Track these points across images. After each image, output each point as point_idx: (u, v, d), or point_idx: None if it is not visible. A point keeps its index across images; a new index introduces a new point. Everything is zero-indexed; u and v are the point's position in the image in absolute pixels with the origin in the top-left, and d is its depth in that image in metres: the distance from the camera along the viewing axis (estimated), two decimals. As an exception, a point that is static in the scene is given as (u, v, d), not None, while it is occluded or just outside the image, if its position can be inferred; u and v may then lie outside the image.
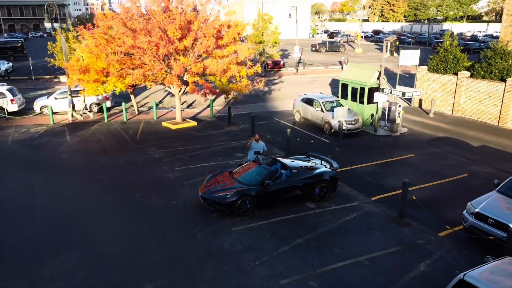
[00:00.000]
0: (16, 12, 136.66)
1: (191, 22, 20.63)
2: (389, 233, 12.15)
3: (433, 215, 12.91)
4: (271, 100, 32.12)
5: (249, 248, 11.14)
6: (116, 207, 13.71)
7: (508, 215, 10.65)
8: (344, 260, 10.69)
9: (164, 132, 22.80)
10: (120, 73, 20.94)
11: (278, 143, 20.67)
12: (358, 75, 23.68)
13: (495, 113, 24.26)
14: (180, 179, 15.97)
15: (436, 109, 27.54)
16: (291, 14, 46.22)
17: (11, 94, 27.33)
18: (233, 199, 12.61)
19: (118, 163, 17.91)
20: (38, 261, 10.51)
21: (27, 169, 17.28)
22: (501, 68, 23.89)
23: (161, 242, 11.47)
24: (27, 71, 47.02)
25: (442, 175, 16.62)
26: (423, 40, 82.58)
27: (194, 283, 9.68)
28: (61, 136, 22.28)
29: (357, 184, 15.57)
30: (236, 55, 21.47)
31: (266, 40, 43.33)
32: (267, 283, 9.70)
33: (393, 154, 19.32)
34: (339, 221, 12.80)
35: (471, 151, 19.70)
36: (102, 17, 21.71)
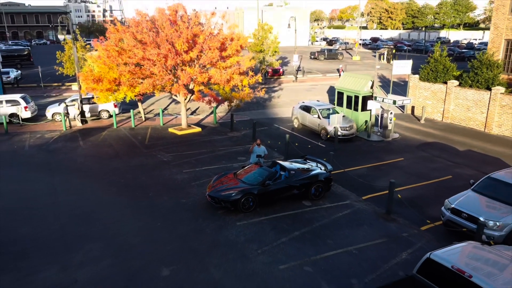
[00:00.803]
0: (20, 19, 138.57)
1: (196, 35, 22.22)
2: (377, 227, 13.63)
3: (417, 212, 14.41)
4: (271, 107, 33.68)
5: (252, 240, 12.62)
6: (131, 205, 15.21)
7: (479, 210, 12.15)
8: (336, 249, 12.16)
9: (171, 138, 24.31)
10: (131, 83, 22.51)
11: (278, 147, 22.17)
12: (352, 84, 25.26)
13: (481, 120, 25.80)
14: (188, 180, 17.48)
15: (428, 116, 29.08)
16: (290, 24, 47.83)
17: (25, 102, 28.84)
18: (237, 197, 14.11)
19: (130, 166, 19.42)
20: (67, 250, 11.99)
21: (47, 171, 18.78)
22: (487, 78, 25.47)
23: (174, 235, 12.96)
24: (34, 78, 48.63)
25: (428, 177, 18.12)
26: (420, 48, 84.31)
27: (205, 268, 11.15)
28: (74, 141, 23.79)
29: (349, 185, 17.06)
30: (238, 66, 23.02)
31: (266, 49, 44.97)
32: (268, 268, 11.17)
33: (385, 158, 20.83)
34: (332, 217, 14.29)
35: (457, 155, 21.21)
36: (113, 30, 23.31)
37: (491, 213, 11.97)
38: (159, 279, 10.67)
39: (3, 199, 15.60)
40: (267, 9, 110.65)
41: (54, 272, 10.96)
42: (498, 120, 24.85)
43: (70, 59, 40.35)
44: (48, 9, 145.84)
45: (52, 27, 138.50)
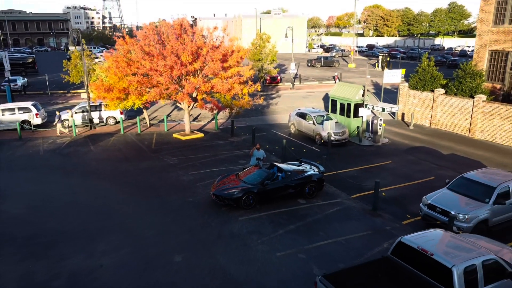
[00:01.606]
0: (21, 26, 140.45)
1: (200, 47, 24.01)
2: (363, 221, 15.35)
3: (399, 208, 16.18)
4: (269, 113, 35.45)
5: (253, 232, 14.32)
6: (144, 202, 16.90)
7: (451, 205, 13.90)
8: (326, 240, 13.87)
9: (176, 143, 26.02)
10: (139, 92, 24.25)
11: (276, 151, 23.88)
12: (345, 93, 27.07)
13: (466, 126, 27.60)
14: (193, 181, 19.18)
15: (416, 122, 30.88)
16: (287, 34, 49.73)
17: (36, 109, 30.53)
18: (239, 195, 15.83)
19: (140, 168, 21.12)
20: (90, 241, 13.67)
21: (63, 174, 20.47)
22: (470, 86, 27.32)
23: (183, 228, 14.65)
24: (40, 86, 50.38)
25: (413, 178, 19.86)
26: (414, 55, 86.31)
27: (212, 255, 12.84)
28: (85, 146, 25.47)
29: (341, 185, 18.79)
30: (239, 76, 24.79)
31: (264, 57, 46.84)
32: (266, 255, 12.87)
33: (374, 161, 22.58)
34: (324, 213, 16.01)
35: (441, 158, 22.97)
36: (122, 43, 25.09)
37: (461, 208, 13.71)
38: (172, 264, 12.35)
39: (29, 198, 17.28)
40: (265, 17, 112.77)
41: (81, 258, 12.63)
42: (481, 126, 26.65)
43: (76, 68, 42.03)
44: (49, 16, 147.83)
45: (53, 34, 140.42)
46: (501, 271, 9.59)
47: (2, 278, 11.61)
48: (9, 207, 16.33)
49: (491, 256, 9.56)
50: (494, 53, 30.67)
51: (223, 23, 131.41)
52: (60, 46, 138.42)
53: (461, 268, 8.93)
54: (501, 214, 14.01)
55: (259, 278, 11.68)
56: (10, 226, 14.74)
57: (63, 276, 11.74)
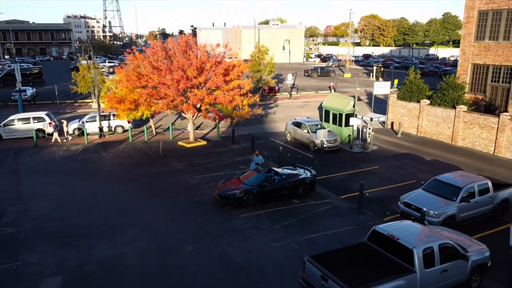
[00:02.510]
0: (24, 36, 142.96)
1: (204, 62, 26.33)
2: (349, 218, 17.55)
3: (382, 207, 18.37)
4: (268, 122, 37.73)
5: (253, 227, 16.50)
6: (156, 202, 19.09)
7: (423, 202, 16.11)
8: (316, 233, 16.06)
9: (181, 150, 28.22)
10: (148, 103, 26.52)
11: (273, 157, 26.09)
12: (337, 103, 29.38)
13: (449, 134, 29.90)
14: (199, 184, 21.38)
15: (404, 130, 33.18)
16: (284, 47, 52.17)
17: (49, 118, 32.77)
18: (241, 196, 18.04)
19: (150, 173, 23.31)
20: (113, 234, 15.85)
21: (81, 177, 22.66)
22: (452, 98, 29.66)
23: (192, 224, 16.83)
24: (48, 96, 52.62)
25: (396, 181, 22.09)
26: (408, 65, 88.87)
27: (218, 245, 15.02)
28: (98, 153, 27.66)
29: (331, 187, 21.00)
30: (239, 89, 27.08)
31: (263, 69, 49.24)
32: (265, 246, 15.05)
33: (362, 166, 24.82)
34: (315, 211, 18.21)
35: (423, 164, 25.22)
36: (133, 58, 27.42)
37: (431, 205, 15.92)
38: (185, 252, 14.53)
39: (55, 199, 19.46)
40: (264, 28, 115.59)
41: (106, 248, 14.80)
42: (462, 134, 28.96)
43: (84, 79, 44.26)
44: (51, 26, 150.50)
45: (55, 44, 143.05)
46: (455, 253, 11.78)
47: (43, 264, 13.76)
48: (39, 206, 18.51)
49: (446, 241, 11.77)
50: (476, 66, 33.10)
51: (223, 34, 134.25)
52: (62, 56, 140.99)
53: (420, 250, 11.12)
54: (467, 210, 16.23)
55: (258, 263, 13.86)
56: (42, 222, 16.92)
57: (92, 261, 13.91)
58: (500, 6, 30.73)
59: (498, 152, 26.70)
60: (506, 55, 30.79)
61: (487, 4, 31.64)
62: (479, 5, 32.21)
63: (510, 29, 30.39)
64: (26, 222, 16.91)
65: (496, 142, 26.80)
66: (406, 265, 11.11)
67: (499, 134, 26.52)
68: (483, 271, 12.58)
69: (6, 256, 14.18)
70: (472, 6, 32.75)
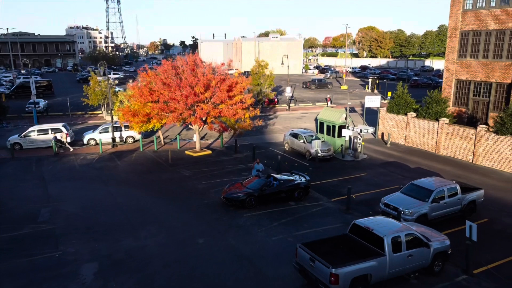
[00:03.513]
0: (29, 48, 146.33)
1: (210, 79, 29.21)
2: (338, 217, 20.26)
3: (367, 208, 21.09)
4: (267, 133, 40.55)
5: (254, 224, 19.22)
6: (170, 204, 21.84)
7: (400, 203, 18.86)
8: (309, 229, 18.77)
9: (188, 158, 30.99)
10: (160, 116, 29.35)
11: (272, 165, 28.83)
12: (330, 116, 32.22)
13: (433, 144, 32.70)
14: (207, 188, 24.13)
15: (393, 140, 35.98)
16: (283, 62, 55.20)
17: (65, 129, 35.56)
18: (244, 198, 20.79)
19: (162, 179, 26.07)
20: (134, 230, 18.57)
21: (101, 183, 25.40)
22: (436, 111, 32.50)
23: (202, 222, 19.55)
24: (58, 107, 55.53)
25: (381, 186, 24.81)
26: (403, 77, 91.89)
27: (225, 239, 17.74)
28: (113, 161, 30.43)
29: (323, 191, 23.74)
30: (242, 103, 29.92)
31: (263, 82, 52.22)
32: (265, 239, 17.75)
33: (352, 173, 27.57)
34: (309, 211, 20.93)
35: (408, 171, 27.96)
36: (145, 75, 30.33)
37: (407, 205, 18.66)
38: (197, 244, 17.25)
39: (80, 201, 22.21)
40: (263, 40, 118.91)
41: (130, 241, 17.52)
42: (444, 144, 31.75)
43: (95, 92, 47.10)
44: (56, 38, 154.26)
45: (60, 56, 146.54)
46: (419, 242, 14.49)
47: (79, 253, 16.48)
48: (67, 207, 21.25)
49: (412, 232, 14.50)
50: (459, 82, 36.01)
51: (224, 46, 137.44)
52: (67, 67, 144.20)
53: (389, 238, 13.84)
54: (437, 210, 18.96)
55: (259, 252, 16.58)
56: (72, 220, 19.66)
57: (120, 251, 16.62)
58: (479, 28, 33.71)
59: (476, 160, 29.47)
60: (485, 71, 33.70)
61: (468, 26, 34.64)
62: (461, 26, 35.21)
63: (488, 48, 33.35)
64: (58, 221, 19.64)
65: (474, 152, 29.59)
66: (378, 250, 13.82)
67: (476, 144, 29.31)
68: (445, 257, 15.27)
69: (48, 248, 16.90)
70: (455, 27, 35.75)
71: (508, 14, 31.68)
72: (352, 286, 12.97)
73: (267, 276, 14.93)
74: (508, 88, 32.37)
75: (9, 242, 17.48)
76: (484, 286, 14.50)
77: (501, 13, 32.17)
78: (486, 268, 15.58)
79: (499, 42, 32.72)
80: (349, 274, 12.84)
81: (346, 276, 12.78)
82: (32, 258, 16.13)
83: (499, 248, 17.29)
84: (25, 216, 20.07)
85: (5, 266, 15.59)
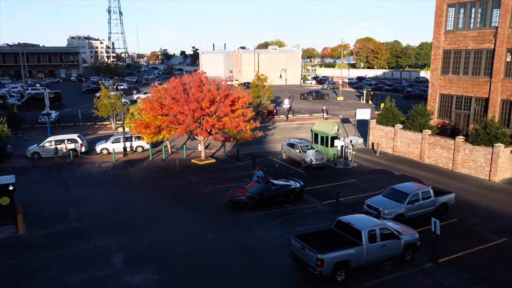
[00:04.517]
0: (34, 59, 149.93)
1: (215, 95, 32.43)
2: (328, 217, 23.31)
3: (353, 210, 24.15)
4: (267, 143, 43.69)
5: (255, 223, 22.29)
6: (180, 206, 24.93)
7: (380, 204, 21.96)
8: (302, 227, 21.81)
9: (195, 166, 34.08)
10: (169, 128, 32.53)
11: (271, 172, 31.90)
12: (324, 128, 35.41)
13: (417, 153, 35.85)
14: (212, 193, 27.21)
15: (382, 150, 39.12)
16: (281, 75, 58.53)
17: (80, 140, 38.68)
18: (246, 200, 23.88)
19: (172, 184, 29.16)
20: (152, 227, 21.64)
21: (118, 188, 28.49)
22: (420, 123, 35.70)
23: (210, 221, 22.62)
24: (68, 118, 58.63)
25: (368, 191, 27.88)
26: (397, 88, 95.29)
27: (230, 234, 20.81)
28: (126, 169, 33.52)
29: (316, 195, 26.81)
30: (243, 116, 33.10)
31: (263, 95, 55.52)
32: (264, 235, 20.82)
33: (343, 179, 30.67)
34: (303, 212, 24.01)
35: (393, 178, 31.04)
36: (156, 91, 33.56)
37: (386, 206, 21.75)
38: (206, 239, 20.32)
39: (102, 203, 25.30)
40: (263, 52, 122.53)
41: (150, 236, 20.58)
42: (428, 153, 34.90)
43: (104, 104, 50.20)
44: (60, 49, 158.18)
45: (64, 66, 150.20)
46: (391, 234, 17.56)
47: (108, 246, 19.56)
48: (91, 209, 24.34)
49: (385, 226, 17.59)
50: (443, 96, 39.30)
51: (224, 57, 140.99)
52: (71, 77, 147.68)
53: (366, 231, 16.91)
54: (413, 210, 22.05)
55: (259, 245, 19.64)
56: (98, 219, 22.75)
57: (142, 244, 19.69)
58: (460, 47, 37.05)
59: (455, 168, 32.60)
60: (466, 87, 36.98)
61: (450, 45, 37.98)
62: (443, 45, 38.57)
63: (468, 66, 36.67)
64: (86, 220, 22.72)
65: (453, 160, 32.73)
66: (357, 241, 16.89)
67: (455, 154, 32.47)
68: (415, 248, 18.32)
69: (81, 241, 19.98)
70: (438, 46, 39.11)
71: (484, 35, 35.04)
72: (335, 269, 16.04)
73: (266, 264, 18.00)
74: (485, 102, 35.63)
75: (48, 237, 20.55)
76: (445, 271, 17.55)
77: (478, 34, 35.55)
78: (449, 258, 18.63)
79: (477, 61, 36.07)
80: (332, 259, 15.91)
81: (329, 261, 15.85)
82: (69, 249, 19.20)
83: (463, 242, 20.32)
84: (57, 216, 23.15)
85: (48, 256, 18.64)
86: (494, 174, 29.83)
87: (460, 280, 16.92)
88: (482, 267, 17.89)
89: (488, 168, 30.16)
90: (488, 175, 30.16)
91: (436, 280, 16.95)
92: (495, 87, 34.58)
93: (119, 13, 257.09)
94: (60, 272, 17.26)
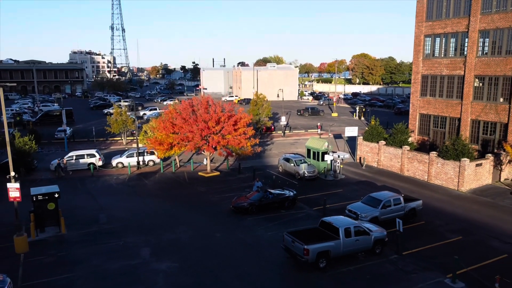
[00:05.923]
0: (40, 75, 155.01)
1: (220, 116, 37.21)
2: (317, 221, 27.71)
3: (337, 214, 28.71)
4: (265, 157, 48.38)
5: (256, 224, 26.86)
6: (192, 211, 29.51)
7: (359, 209, 26.57)
8: (294, 228, 26.35)
9: (202, 178, 38.69)
10: (180, 145, 37.25)
11: (268, 183, 36.50)
12: (316, 144, 40.16)
13: (398, 166, 40.55)
14: (219, 200, 31.81)
15: (368, 163, 43.81)
16: (279, 94, 63.46)
17: (98, 154, 43.29)
18: (247, 207, 28.51)
19: (183, 194, 33.75)
20: (171, 228, 26.20)
21: (137, 197, 33.06)
22: (400, 140, 40.48)
23: (217, 223, 27.19)
24: (81, 134, 63.02)
25: (351, 199, 32.42)
26: (389, 104, 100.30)
27: (234, 233, 25.37)
28: (141, 180, 38.13)
29: (307, 203, 31.40)
30: (244, 134, 37.84)
31: (261, 112, 60.41)
32: (263, 234, 25.38)
33: (331, 189, 35.29)
34: (295, 216, 28.59)
35: (375, 188, 35.64)
36: (168, 112, 38.34)
37: (363, 211, 26.36)
38: (215, 237, 24.89)
39: (126, 209, 29.86)
40: (261, 69, 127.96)
41: (169, 235, 25.13)
42: (407, 166, 39.60)
43: (117, 122, 54.83)
44: (65, 66, 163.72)
45: (70, 82, 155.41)
46: (363, 231, 22.13)
47: (136, 242, 24.08)
48: (118, 214, 28.91)
49: (359, 225, 22.19)
50: (422, 115, 44.17)
51: (224, 74, 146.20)
52: (76, 93, 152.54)
53: (343, 228, 21.50)
54: (385, 214, 26.65)
55: (259, 242, 24.21)
56: (124, 222, 27.30)
57: (164, 241, 24.24)
58: (435, 73, 42.05)
59: (429, 179, 37.27)
60: (441, 108, 41.88)
61: (427, 71, 42.99)
62: (421, 70, 43.58)
63: (443, 89, 41.64)
64: (114, 222, 27.27)
65: (428, 173, 37.42)
66: (335, 236, 21.47)
67: (430, 167, 37.17)
68: (383, 243, 22.88)
69: (114, 239, 24.51)
70: (417, 71, 44.13)
71: (455, 63, 40.08)
72: (318, 257, 20.59)
73: (264, 254, 22.57)
74: (458, 121, 40.51)
75: (86, 236, 25.08)
76: (407, 261, 22.10)
77: (451, 62, 40.59)
78: (411, 252, 23.19)
79: (450, 85, 41.04)
80: (315, 249, 20.48)
81: (313, 251, 20.42)
82: (105, 245, 23.73)
83: (425, 240, 24.86)
84: (89, 219, 27.70)
85: (89, 250, 23.17)
86: (461, 185, 34.51)
87: (417, 267, 21.46)
88: (437, 258, 22.47)
89: (457, 179, 34.86)
90: (457, 185, 34.84)
91: (398, 267, 21.51)
92: (465, 108, 39.51)
93: (121, 29, 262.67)
94: (101, 262, 21.77)
